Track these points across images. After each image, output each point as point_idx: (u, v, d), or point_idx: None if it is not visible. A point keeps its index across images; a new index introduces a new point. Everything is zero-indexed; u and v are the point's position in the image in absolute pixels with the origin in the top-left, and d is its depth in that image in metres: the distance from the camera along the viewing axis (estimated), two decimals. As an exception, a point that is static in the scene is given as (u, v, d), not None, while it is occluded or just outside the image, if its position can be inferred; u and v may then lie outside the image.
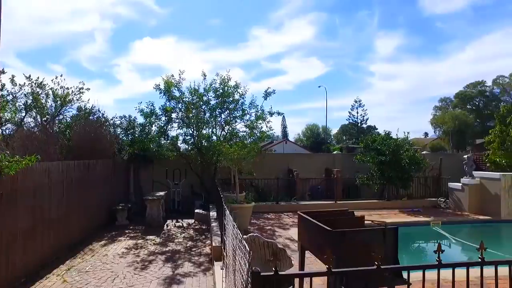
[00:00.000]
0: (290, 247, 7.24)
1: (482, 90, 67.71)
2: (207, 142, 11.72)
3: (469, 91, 67.55)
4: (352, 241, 3.09)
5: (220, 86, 12.09)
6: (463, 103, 65.62)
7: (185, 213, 11.75)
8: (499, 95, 66.34)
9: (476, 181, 11.23)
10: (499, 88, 66.02)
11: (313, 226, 3.51)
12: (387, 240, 3.14)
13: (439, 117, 61.50)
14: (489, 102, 66.48)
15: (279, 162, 14.09)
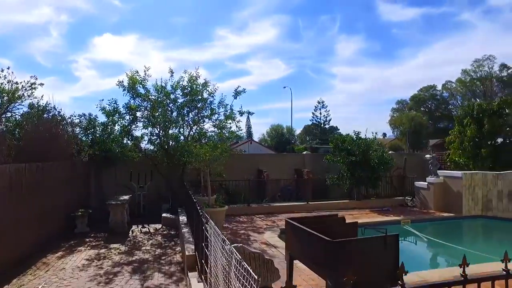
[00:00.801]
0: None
1: (433, 93, 72.12)
2: (174, 142, 11.10)
3: (422, 95, 71.68)
4: (352, 251, 2.84)
5: (188, 84, 11.50)
6: (417, 106, 69.51)
7: (151, 218, 11.06)
8: (448, 99, 71.04)
9: (440, 180, 11.66)
10: (448, 92, 70.64)
11: (306, 235, 3.22)
12: (388, 248, 2.93)
13: (397, 119, 64.57)
14: (439, 105, 71.04)
15: (248, 163, 13.77)
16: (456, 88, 67.46)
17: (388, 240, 2.90)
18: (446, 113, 69.58)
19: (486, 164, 12.25)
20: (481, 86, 64.50)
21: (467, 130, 12.76)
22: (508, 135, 12.80)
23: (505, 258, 2.07)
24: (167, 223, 10.52)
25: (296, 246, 3.57)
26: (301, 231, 3.38)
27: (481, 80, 64.16)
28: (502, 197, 10.86)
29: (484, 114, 12.57)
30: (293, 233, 3.65)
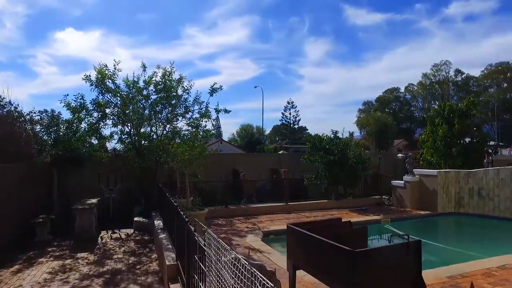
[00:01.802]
0: (253, 258, 6.52)
1: (397, 95, 75.32)
2: (147, 142, 10.40)
3: (387, 96, 74.60)
4: (375, 261, 2.53)
5: (162, 79, 10.85)
6: (382, 107, 72.15)
7: (122, 222, 10.27)
8: (410, 101, 74.44)
9: (416, 178, 11.87)
10: (410, 94, 74.01)
11: (317, 244, 2.86)
12: (410, 255, 2.66)
13: (364, 119, 66.54)
14: (403, 107, 74.29)
15: (223, 163, 13.28)
16: (417, 91, 70.80)
17: (411, 247, 2.63)
18: (408, 114, 72.90)
19: (456, 163, 12.65)
20: (439, 89, 68.15)
21: (439, 129, 13.12)
22: (475, 135, 13.32)
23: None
24: (140, 227, 9.81)
25: (302, 255, 3.22)
26: (309, 239, 3.03)
27: (439, 84, 67.78)
28: (473, 194, 11.22)
29: (454, 114, 12.99)
30: (297, 241, 3.29)
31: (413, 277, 2.56)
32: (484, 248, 8.67)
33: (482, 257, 6.80)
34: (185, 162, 7.75)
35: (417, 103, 72.90)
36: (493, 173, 10.86)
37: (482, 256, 6.92)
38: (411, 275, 2.60)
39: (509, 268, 6.08)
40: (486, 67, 63.45)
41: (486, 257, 6.80)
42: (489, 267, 6.06)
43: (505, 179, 10.59)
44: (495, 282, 5.35)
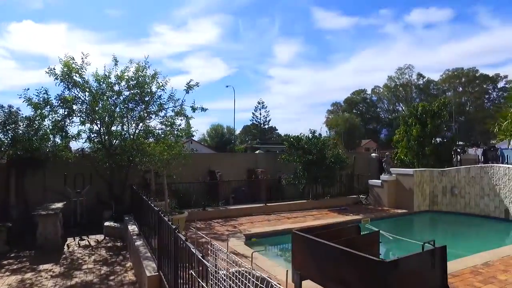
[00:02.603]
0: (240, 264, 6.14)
1: (364, 97, 77.81)
2: (119, 141, 9.69)
3: (354, 98, 76.83)
4: (403, 271, 2.28)
5: (135, 75, 10.18)
6: (350, 108, 74.22)
7: (91, 228, 9.52)
8: (376, 102, 77.23)
9: (393, 177, 12.03)
10: (376, 96, 76.75)
11: (332, 253, 2.57)
12: (436, 262, 2.44)
13: (333, 119, 67.99)
14: (369, 108, 76.87)
15: (199, 163, 12.75)
16: (383, 93, 73.52)
17: (437, 253, 2.42)
18: (375, 116, 75.53)
19: (429, 162, 13.00)
20: (403, 91, 71.16)
21: (412, 129, 13.43)
22: (445, 135, 13.79)
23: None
24: (111, 233, 9.12)
25: (311, 265, 2.91)
26: (321, 247, 2.73)
27: (403, 86, 70.80)
28: (446, 192, 11.54)
29: (427, 114, 13.35)
30: (305, 249, 2.98)
31: (440, 283, 2.34)
32: (458, 244, 8.93)
33: (457, 253, 6.93)
34: (164, 163, 7.22)
35: (382, 105, 75.72)
36: (464, 172, 11.23)
37: (457, 252, 7.04)
38: (437, 283, 2.38)
39: (492, 265, 6.16)
40: (444, 72, 67.17)
41: (461, 252, 6.94)
42: (474, 264, 6.10)
43: (475, 177, 10.98)
44: (485, 280, 5.36)
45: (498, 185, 10.44)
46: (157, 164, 7.34)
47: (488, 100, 64.78)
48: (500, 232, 10.04)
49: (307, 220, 10.15)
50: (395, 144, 14.29)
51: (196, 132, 11.66)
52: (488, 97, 65.06)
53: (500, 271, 5.86)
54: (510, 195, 10.15)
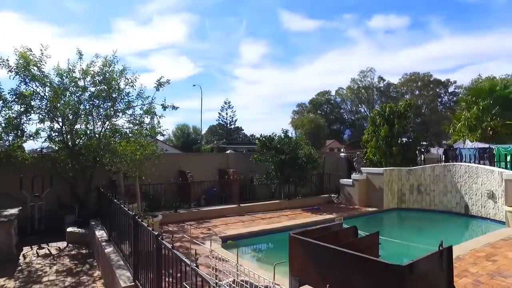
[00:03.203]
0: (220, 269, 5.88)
1: (328, 98, 79.83)
2: (84, 140, 9.03)
3: (319, 99, 78.59)
4: (417, 275, 2.19)
5: (102, 70, 9.55)
6: (315, 109, 75.80)
7: (51, 234, 8.78)
8: (340, 103, 79.58)
9: (364, 176, 12.30)
10: (340, 97, 79.08)
11: (337, 257, 2.43)
12: (443, 262, 2.38)
13: (298, 120, 69.03)
14: (333, 109, 79.02)
15: (169, 163, 12.22)
16: (346, 94, 75.87)
17: (444, 254, 2.36)
18: (338, 116, 77.79)
19: (396, 161, 13.46)
20: (365, 93, 73.95)
21: (381, 130, 13.84)
22: (411, 136, 14.37)
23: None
24: (75, 239, 8.46)
25: (312, 270, 2.76)
26: (326, 251, 2.58)
27: (365, 89, 73.56)
28: (413, 190, 12.01)
29: (394, 115, 13.83)
30: (305, 253, 2.82)
31: (447, 285, 2.28)
32: (424, 239, 9.31)
33: (424, 247, 7.19)
34: (136, 163, 6.76)
35: (346, 106, 78.09)
36: (429, 170, 11.74)
37: (424, 247, 7.31)
38: (444, 284, 2.32)
39: (463, 259, 6.41)
40: (402, 76, 70.61)
41: (427, 247, 7.21)
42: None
43: (439, 175, 11.51)
44: (459, 274, 5.52)
45: (459, 183, 11.01)
46: (129, 165, 6.86)
47: (441, 103, 69.08)
48: (461, 226, 10.61)
49: (282, 220, 10.08)
50: (364, 144, 14.67)
51: (166, 131, 11.18)
52: (440, 100, 69.34)
53: (470, 264, 6.11)
54: (469, 191, 10.74)
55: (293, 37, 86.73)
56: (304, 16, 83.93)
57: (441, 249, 2.46)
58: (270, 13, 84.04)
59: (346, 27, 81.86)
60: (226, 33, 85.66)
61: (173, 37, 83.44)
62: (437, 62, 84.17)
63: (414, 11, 77.67)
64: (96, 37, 77.22)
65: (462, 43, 73.04)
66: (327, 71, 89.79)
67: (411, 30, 77.42)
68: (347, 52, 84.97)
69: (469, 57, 77.41)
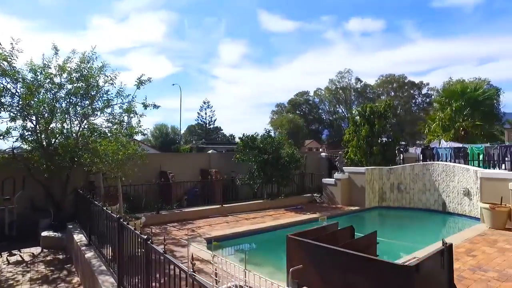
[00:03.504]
0: (206, 271, 5.73)
1: (307, 98, 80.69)
2: (63, 139, 8.61)
3: (298, 99, 79.30)
4: (422, 275, 2.15)
5: (79, 66, 9.15)
6: (294, 109, 76.43)
7: (24, 240, 8.32)
8: (318, 104, 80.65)
9: (346, 176, 12.44)
10: (318, 98, 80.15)
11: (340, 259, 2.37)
12: (445, 260, 2.37)
13: (277, 120, 69.40)
14: (312, 109, 79.96)
15: (149, 164, 11.88)
16: (324, 95, 76.96)
17: (445, 253, 2.35)
18: (317, 117, 78.78)
19: (376, 161, 13.71)
20: (343, 94, 75.30)
21: (361, 129, 14.06)
22: (390, 135, 14.68)
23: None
24: (51, 244, 8.06)
25: (312, 273, 2.68)
26: (327, 253, 2.52)
27: (343, 89, 74.90)
28: (393, 189, 12.26)
29: (374, 115, 14.09)
30: (305, 255, 2.74)
31: (448, 284, 2.27)
32: (404, 236, 9.54)
33: (405, 244, 7.35)
34: (118, 163, 6.48)
35: (324, 106, 79.22)
36: (409, 169, 12.03)
37: (404, 244, 7.47)
38: (445, 283, 2.31)
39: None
40: (379, 77, 72.45)
41: (407, 243, 7.39)
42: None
43: (418, 174, 11.81)
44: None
45: (437, 181, 11.34)
46: (111, 165, 6.56)
47: (415, 104, 71.37)
48: (439, 223, 10.92)
49: (266, 220, 10.01)
50: (345, 143, 14.86)
51: (147, 131, 10.87)
52: (414, 101, 71.63)
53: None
54: (447, 189, 11.08)
55: (272, 37, 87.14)
56: (283, 17, 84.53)
57: (443, 248, 2.45)
58: (249, 14, 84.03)
59: (324, 28, 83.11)
60: (205, 32, 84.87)
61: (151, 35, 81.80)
62: (411, 64, 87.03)
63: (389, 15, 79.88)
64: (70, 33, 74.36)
65: (433, 47, 75.81)
66: (306, 72, 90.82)
67: (386, 33, 79.61)
68: (325, 53, 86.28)
69: (440, 60, 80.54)
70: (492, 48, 70.74)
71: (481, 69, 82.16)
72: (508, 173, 9.20)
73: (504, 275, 5.32)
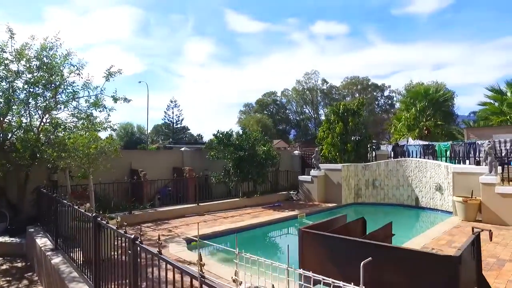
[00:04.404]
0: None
1: (274, 99, 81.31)
2: (21, 133, 7.76)
3: (265, 99, 79.68)
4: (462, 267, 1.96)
5: (40, 53, 8.32)
6: (262, 109, 76.70)
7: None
8: (285, 104, 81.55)
9: (322, 172, 12.43)
10: (286, 98, 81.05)
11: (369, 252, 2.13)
12: (474, 251, 2.21)
13: (245, 120, 69.22)
14: (279, 109, 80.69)
15: (119, 161, 11.12)
16: (291, 95, 77.96)
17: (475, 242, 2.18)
18: (284, 117, 79.59)
19: (350, 158, 13.86)
20: (310, 95, 76.71)
21: (336, 127, 14.16)
22: (363, 133, 14.92)
23: None
24: (7, 251, 7.24)
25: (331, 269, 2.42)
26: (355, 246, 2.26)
27: (309, 90, 76.29)
28: (368, 185, 12.43)
29: (348, 113, 14.25)
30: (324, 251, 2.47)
31: (477, 275, 2.12)
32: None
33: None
34: (90, 158, 5.86)
35: (291, 107, 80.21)
36: (384, 165, 12.25)
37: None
38: (475, 273, 2.16)
39: (427, 248, 6.65)
40: (344, 79, 74.62)
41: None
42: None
43: (392, 170, 12.06)
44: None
45: (410, 177, 11.63)
46: (82, 160, 5.92)
47: (378, 105, 74.29)
48: (412, 217, 11.20)
49: (245, 218, 9.73)
50: (319, 141, 14.91)
51: (117, 126, 10.16)
52: (377, 103, 74.56)
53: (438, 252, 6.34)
54: (419, 185, 11.39)
55: (240, 37, 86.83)
56: (250, 18, 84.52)
57: (473, 238, 2.30)
58: (216, 13, 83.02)
59: (290, 30, 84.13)
60: (172, 30, 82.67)
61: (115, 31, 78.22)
62: (373, 67, 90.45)
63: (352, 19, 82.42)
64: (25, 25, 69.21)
65: (393, 52, 79.18)
66: (273, 72, 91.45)
67: (350, 37, 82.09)
68: (291, 54, 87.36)
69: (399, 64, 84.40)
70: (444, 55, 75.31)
71: (435, 74, 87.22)
72: (478, 167, 9.58)
73: (487, 264, 5.40)
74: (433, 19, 70.24)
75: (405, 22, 74.43)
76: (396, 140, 23.99)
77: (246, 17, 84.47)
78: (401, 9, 72.75)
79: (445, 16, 68.62)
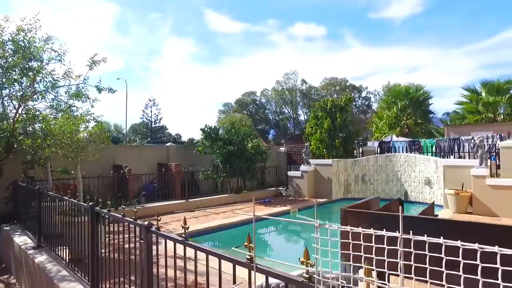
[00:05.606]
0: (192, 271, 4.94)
1: (254, 99, 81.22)
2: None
3: (245, 99, 79.45)
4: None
5: (16, 36, 7.65)
6: (241, 109, 76.39)
7: None
8: (265, 104, 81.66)
9: (312, 168, 12.28)
10: (265, 98, 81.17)
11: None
12: None
13: (225, 119, 68.66)
14: (259, 109, 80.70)
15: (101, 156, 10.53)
16: (271, 95, 78.14)
17: None
18: (263, 117, 79.65)
19: (338, 153, 13.81)
20: (289, 95, 77.18)
21: (324, 123, 14.07)
22: (350, 129, 14.92)
23: None
24: (-20, 251, 6.54)
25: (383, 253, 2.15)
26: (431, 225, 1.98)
27: (289, 90, 76.76)
28: (358, 180, 12.41)
29: (336, 109, 14.20)
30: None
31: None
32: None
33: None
34: (79, 146, 5.34)
35: (271, 107, 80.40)
36: (373, 160, 12.26)
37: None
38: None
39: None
40: (323, 80, 75.61)
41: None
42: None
43: (381, 165, 12.09)
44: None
45: (399, 171, 11.70)
46: (72, 147, 5.38)
47: (355, 106, 75.75)
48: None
49: (237, 214, 9.39)
50: (307, 137, 14.78)
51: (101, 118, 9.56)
52: (355, 104, 76.03)
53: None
54: (409, 179, 11.48)
55: (219, 37, 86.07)
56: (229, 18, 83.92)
57: None
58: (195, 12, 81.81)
59: (270, 31, 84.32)
60: (150, 29, 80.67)
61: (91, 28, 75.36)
62: (351, 69, 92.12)
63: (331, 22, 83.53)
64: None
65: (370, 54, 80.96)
66: (253, 72, 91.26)
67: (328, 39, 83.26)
68: (271, 55, 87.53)
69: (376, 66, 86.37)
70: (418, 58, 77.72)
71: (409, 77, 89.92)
72: (469, 160, 9.72)
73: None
74: (407, 24, 72.35)
75: (381, 25, 76.25)
76: (377, 138, 24.37)
77: (226, 17, 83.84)
78: (377, 13, 74.41)
79: (418, 21, 70.86)
